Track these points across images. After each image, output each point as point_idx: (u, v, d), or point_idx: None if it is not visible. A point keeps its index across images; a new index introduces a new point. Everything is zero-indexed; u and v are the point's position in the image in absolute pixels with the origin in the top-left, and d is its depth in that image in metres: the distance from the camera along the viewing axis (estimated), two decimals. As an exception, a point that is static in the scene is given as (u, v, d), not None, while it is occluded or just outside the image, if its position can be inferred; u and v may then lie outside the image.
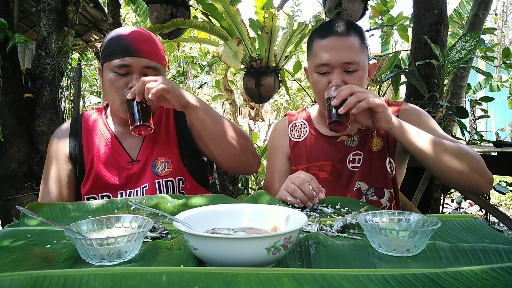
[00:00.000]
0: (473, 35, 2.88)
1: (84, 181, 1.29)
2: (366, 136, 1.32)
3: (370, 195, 1.29)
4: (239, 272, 0.56)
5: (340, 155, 1.33)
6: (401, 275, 0.58)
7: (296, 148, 1.40)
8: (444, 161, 1.10)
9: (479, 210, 4.73)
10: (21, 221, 0.92)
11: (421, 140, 1.12)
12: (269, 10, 2.94)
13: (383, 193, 1.29)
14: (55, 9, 2.84)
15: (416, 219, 0.77)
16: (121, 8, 4.55)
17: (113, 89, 1.22)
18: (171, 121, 1.35)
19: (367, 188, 1.29)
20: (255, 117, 4.05)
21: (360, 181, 1.29)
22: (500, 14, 10.48)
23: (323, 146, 1.36)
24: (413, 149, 1.13)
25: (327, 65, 1.21)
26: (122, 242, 0.67)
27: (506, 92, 8.55)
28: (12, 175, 2.79)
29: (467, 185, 1.12)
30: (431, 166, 1.13)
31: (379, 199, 1.29)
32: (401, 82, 3.41)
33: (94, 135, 1.33)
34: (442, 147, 1.11)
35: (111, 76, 1.21)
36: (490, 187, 1.13)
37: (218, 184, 3.54)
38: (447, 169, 1.11)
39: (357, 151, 1.31)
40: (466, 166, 1.09)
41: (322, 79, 1.23)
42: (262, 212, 0.82)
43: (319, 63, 1.23)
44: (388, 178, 1.29)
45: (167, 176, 1.28)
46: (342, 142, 1.34)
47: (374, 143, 1.31)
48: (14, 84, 2.77)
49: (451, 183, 1.14)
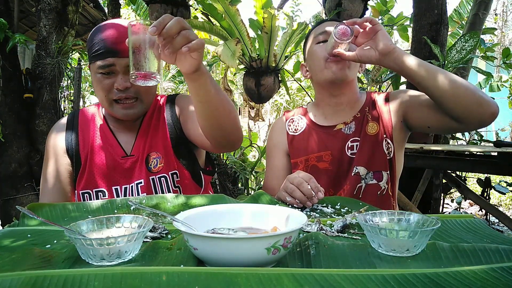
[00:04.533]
0: (473, 35, 2.88)
1: (80, 176, 1.29)
2: (362, 122, 1.35)
3: (369, 179, 1.31)
4: (239, 272, 0.56)
5: (338, 144, 1.35)
6: (401, 275, 0.58)
7: (294, 141, 1.42)
8: (448, 81, 1.10)
9: (479, 210, 4.73)
10: (21, 221, 0.92)
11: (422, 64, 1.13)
12: (268, 10, 2.94)
13: (381, 176, 1.31)
14: (55, 9, 2.84)
15: (416, 219, 0.77)
16: (121, 8, 4.55)
17: (99, 90, 1.23)
18: (162, 116, 1.35)
19: (366, 172, 1.31)
20: (255, 117, 4.06)
21: (358, 166, 1.31)
22: (500, 14, 10.48)
23: (321, 136, 1.38)
24: (414, 73, 1.13)
25: (325, 32, 1.34)
26: (122, 242, 0.67)
27: (506, 92, 8.54)
28: (12, 175, 2.79)
29: (475, 104, 1.10)
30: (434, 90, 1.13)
31: (378, 182, 1.31)
32: (401, 82, 3.41)
33: (90, 129, 1.33)
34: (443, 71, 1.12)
35: (97, 78, 1.22)
36: (497, 110, 1.16)
37: (218, 184, 3.54)
38: (452, 89, 1.10)
39: (354, 138, 1.34)
40: (470, 86, 1.11)
41: (321, 47, 1.33)
42: (262, 212, 0.82)
43: (318, 33, 1.35)
44: (386, 160, 1.31)
45: (160, 172, 1.28)
46: (339, 130, 1.36)
47: (369, 127, 1.33)
48: (14, 84, 2.77)
49: (458, 105, 1.12)
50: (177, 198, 1.07)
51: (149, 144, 1.30)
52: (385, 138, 1.32)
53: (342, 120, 1.37)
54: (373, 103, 1.37)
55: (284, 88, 3.98)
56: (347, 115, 1.38)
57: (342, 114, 1.38)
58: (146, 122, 1.33)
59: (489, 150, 2.50)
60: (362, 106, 1.38)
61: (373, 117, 1.35)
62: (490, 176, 3.75)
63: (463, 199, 4.28)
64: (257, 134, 6.43)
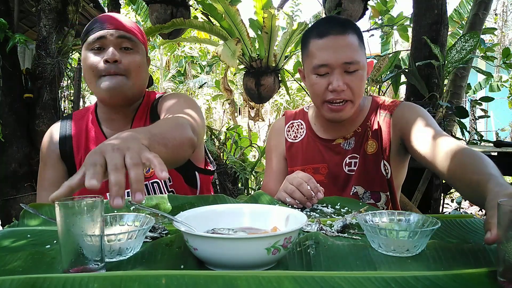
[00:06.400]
0: (473, 35, 2.88)
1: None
2: (362, 139, 1.28)
3: (367, 198, 1.27)
4: (239, 275, 0.56)
5: (336, 158, 1.30)
6: (401, 277, 0.58)
7: (292, 149, 1.38)
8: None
9: (479, 210, 4.73)
10: (21, 222, 0.92)
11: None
12: (268, 11, 2.94)
13: (379, 196, 1.27)
14: (55, 9, 2.84)
15: (416, 219, 0.77)
16: (121, 8, 4.55)
17: (88, 67, 1.18)
18: (148, 116, 1.31)
19: (363, 192, 1.27)
20: (255, 117, 4.06)
21: (357, 185, 1.27)
22: (500, 14, 10.48)
23: (319, 148, 1.33)
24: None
25: (326, 66, 1.17)
26: (122, 239, 0.67)
27: (506, 92, 8.54)
28: (12, 175, 2.79)
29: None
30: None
31: (376, 203, 1.27)
32: (401, 82, 3.41)
33: (84, 135, 1.31)
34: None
35: (86, 55, 1.19)
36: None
37: (218, 184, 3.54)
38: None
39: (353, 154, 1.28)
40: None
41: (321, 80, 1.19)
42: (262, 212, 0.82)
43: (318, 64, 1.18)
44: (384, 181, 1.26)
45: (152, 177, 1.25)
46: (338, 145, 1.31)
47: (369, 146, 1.27)
48: (14, 84, 2.77)
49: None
50: (177, 198, 1.07)
51: None
52: (383, 159, 1.26)
53: (342, 134, 1.31)
54: (376, 114, 1.29)
55: (284, 88, 3.98)
56: (347, 130, 1.31)
57: (343, 129, 1.31)
58: (137, 119, 1.30)
59: (489, 150, 2.50)
60: (365, 120, 1.30)
61: (373, 134, 1.27)
62: (490, 176, 3.74)
63: (463, 199, 4.28)
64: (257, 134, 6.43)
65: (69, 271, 0.61)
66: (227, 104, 4.15)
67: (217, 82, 5.67)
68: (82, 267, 0.61)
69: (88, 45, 1.19)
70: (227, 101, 4.05)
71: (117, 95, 1.20)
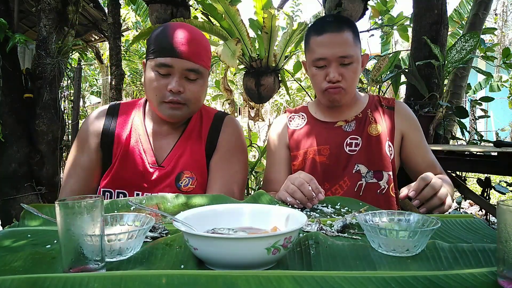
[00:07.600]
0: (473, 35, 2.88)
1: (106, 173, 1.27)
2: (364, 122, 1.40)
3: (369, 177, 1.35)
4: (239, 275, 0.56)
5: (337, 139, 1.39)
6: (401, 277, 0.58)
7: (294, 135, 1.46)
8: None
9: (479, 210, 4.73)
10: (21, 222, 0.92)
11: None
12: (268, 11, 2.94)
13: (382, 175, 1.35)
14: (55, 9, 2.83)
15: (416, 219, 0.77)
16: (121, 8, 4.55)
17: (152, 89, 1.21)
18: (203, 134, 1.31)
19: (367, 171, 1.35)
20: (255, 117, 4.05)
21: (360, 164, 1.35)
22: (500, 14, 10.48)
23: (321, 131, 1.43)
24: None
25: (324, 59, 1.32)
26: (123, 239, 0.67)
27: (506, 92, 8.54)
28: (12, 175, 2.78)
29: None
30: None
31: (378, 181, 1.35)
32: (401, 82, 3.41)
33: (128, 128, 1.30)
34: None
35: (152, 75, 1.21)
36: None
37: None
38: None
39: (354, 136, 1.39)
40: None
41: (320, 72, 1.35)
42: (262, 212, 0.83)
43: (316, 58, 1.33)
44: (387, 160, 1.35)
45: (189, 192, 1.23)
46: (339, 127, 1.42)
47: (372, 129, 1.39)
48: (14, 84, 2.77)
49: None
50: (177, 198, 1.07)
51: (184, 160, 1.27)
52: (388, 140, 1.37)
53: (343, 118, 1.43)
54: (375, 106, 1.43)
55: (284, 88, 3.98)
56: (348, 114, 1.43)
57: (343, 114, 1.44)
58: (187, 133, 1.30)
59: (489, 150, 2.49)
60: (364, 108, 1.44)
61: (376, 120, 1.40)
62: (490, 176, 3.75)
63: (463, 199, 4.28)
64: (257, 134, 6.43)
65: (69, 271, 0.61)
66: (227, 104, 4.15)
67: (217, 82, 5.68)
68: (82, 267, 0.61)
69: (155, 66, 1.20)
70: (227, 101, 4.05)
71: (176, 119, 1.26)
